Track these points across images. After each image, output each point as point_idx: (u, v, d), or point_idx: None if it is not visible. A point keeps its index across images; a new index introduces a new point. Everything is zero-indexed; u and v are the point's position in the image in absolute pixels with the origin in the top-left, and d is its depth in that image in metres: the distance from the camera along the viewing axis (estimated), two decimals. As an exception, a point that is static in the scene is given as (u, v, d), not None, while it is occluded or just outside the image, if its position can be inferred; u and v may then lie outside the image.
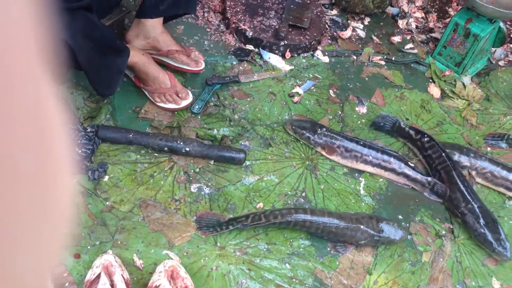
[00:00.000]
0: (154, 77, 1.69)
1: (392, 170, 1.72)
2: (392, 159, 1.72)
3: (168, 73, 1.72)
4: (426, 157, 1.80)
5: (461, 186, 1.69)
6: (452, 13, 2.50)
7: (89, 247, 1.39)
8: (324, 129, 1.76)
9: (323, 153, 1.75)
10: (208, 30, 2.10)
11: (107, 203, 1.48)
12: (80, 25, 1.37)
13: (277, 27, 2.09)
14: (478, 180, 1.81)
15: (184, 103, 1.74)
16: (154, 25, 1.71)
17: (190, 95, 1.76)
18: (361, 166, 1.73)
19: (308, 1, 2.29)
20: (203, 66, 1.84)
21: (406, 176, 1.72)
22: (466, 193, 1.67)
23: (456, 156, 1.81)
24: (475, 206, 1.65)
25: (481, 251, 1.64)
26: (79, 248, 1.38)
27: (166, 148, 1.60)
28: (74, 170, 0.30)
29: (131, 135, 1.59)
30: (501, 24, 2.12)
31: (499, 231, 1.61)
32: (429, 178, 1.72)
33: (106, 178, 1.53)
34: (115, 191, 1.51)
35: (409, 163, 1.73)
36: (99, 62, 1.48)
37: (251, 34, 2.04)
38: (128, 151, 1.60)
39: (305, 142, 1.77)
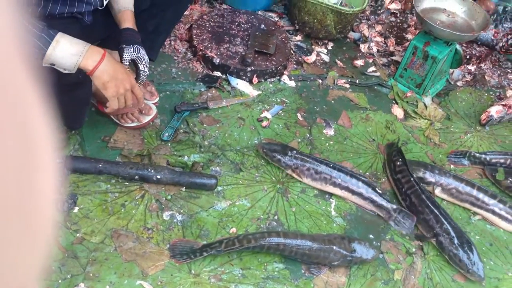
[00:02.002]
0: None
1: (360, 194, 1.75)
2: (360, 183, 1.74)
3: None
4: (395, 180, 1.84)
5: (433, 207, 1.72)
6: (409, 37, 2.59)
7: (60, 281, 1.35)
8: (295, 151, 1.79)
9: (294, 175, 1.77)
10: (175, 58, 2.12)
11: (78, 234, 1.46)
12: (55, 77, 1.36)
13: (243, 53, 2.12)
14: (444, 196, 1.86)
15: (147, 118, 1.78)
16: (111, 53, 1.72)
17: (154, 108, 1.80)
18: (330, 189, 1.76)
19: (273, 28, 2.34)
20: (157, 99, 1.87)
21: (372, 201, 1.74)
22: (439, 214, 1.71)
23: (421, 173, 1.86)
24: (449, 227, 1.68)
25: (450, 267, 1.68)
26: (50, 282, 1.35)
27: (136, 177, 1.59)
28: (59, 183, 0.30)
29: (100, 165, 1.58)
30: (458, 46, 2.22)
31: (472, 251, 1.64)
32: (395, 206, 1.74)
33: (76, 209, 1.51)
34: (85, 222, 1.49)
35: (376, 189, 1.76)
36: (68, 99, 1.48)
37: (218, 61, 2.07)
38: (98, 181, 1.58)
39: (276, 165, 1.79)
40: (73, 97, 1.51)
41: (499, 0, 2.71)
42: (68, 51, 1.30)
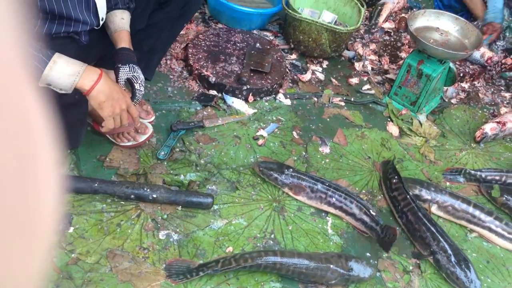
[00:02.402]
0: None
1: (352, 215, 1.74)
2: (354, 205, 1.73)
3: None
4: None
5: (430, 225, 1.72)
6: (403, 55, 2.62)
7: (54, 302, 1.34)
8: (291, 170, 1.79)
9: (290, 193, 1.77)
10: (171, 77, 2.13)
11: (73, 255, 1.44)
12: (51, 98, 1.36)
13: (239, 72, 2.14)
14: (440, 213, 1.86)
15: (143, 137, 1.77)
16: (107, 73, 1.72)
17: (150, 127, 1.80)
18: (325, 207, 1.75)
19: (268, 47, 2.36)
20: (153, 118, 1.87)
21: (364, 222, 1.73)
22: (435, 232, 1.70)
23: (417, 190, 1.86)
24: (446, 244, 1.68)
25: (447, 285, 1.67)
26: (44, 304, 1.33)
27: (132, 196, 1.59)
28: (61, 189, 0.30)
29: (96, 184, 1.57)
30: (451, 65, 2.24)
31: (469, 269, 1.64)
32: (381, 224, 1.71)
33: (71, 229, 1.50)
34: (80, 243, 1.48)
35: (370, 211, 1.74)
36: (64, 119, 1.47)
37: (214, 79, 2.08)
38: (94, 200, 1.57)
39: (272, 183, 1.78)
40: (70, 117, 1.51)
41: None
42: (65, 71, 1.30)
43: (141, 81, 1.58)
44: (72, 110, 1.50)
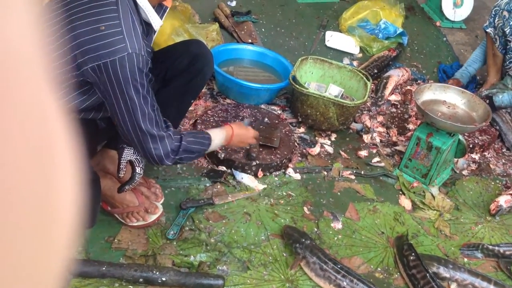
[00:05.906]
0: (121, 198, 1.68)
1: None
2: None
3: (135, 192, 1.71)
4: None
5: None
6: (411, 127, 2.63)
7: None
8: (308, 241, 1.74)
9: (301, 265, 1.72)
10: (181, 153, 2.12)
11: None
12: None
13: (248, 147, 2.13)
14: (461, 293, 1.79)
15: (153, 217, 1.74)
16: (114, 155, 1.72)
17: (160, 207, 1.78)
18: None
19: (276, 121, 2.37)
20: (162, 201, 1.84)
21: None
22: None
23: (435, 268, 1.80)
24: None
25: None
26: None
27: (141, 279, 1.53)
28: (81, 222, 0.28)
29: (104, 268, 1.52)
30: (460, 137, 2.23)
31: None
32: None
33: (77, 316, 1.43)
34: (86, 331, 1.41)
35: None
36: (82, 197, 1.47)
37: (223, 155, 2.07)
38: (101, 285, 1.52)
39: (291, 249, 1.77)
40: (86, 196, 1.50)
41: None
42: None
43: (142, 165, 1.60)
44: (89, 187, 1.49)
